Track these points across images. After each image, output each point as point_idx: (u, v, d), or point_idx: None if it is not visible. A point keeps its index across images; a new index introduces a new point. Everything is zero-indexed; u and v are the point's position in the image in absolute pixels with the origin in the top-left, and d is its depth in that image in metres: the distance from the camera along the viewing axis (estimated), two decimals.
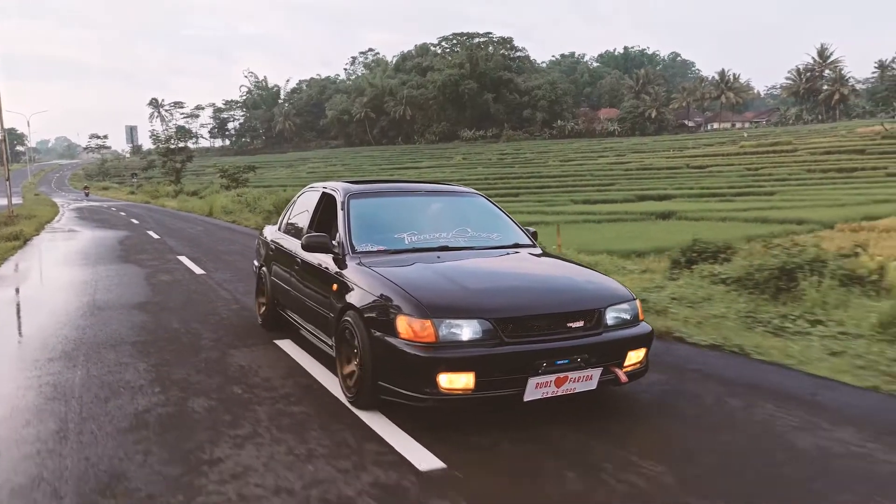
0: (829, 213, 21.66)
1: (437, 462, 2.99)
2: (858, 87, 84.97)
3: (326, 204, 4.87)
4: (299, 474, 2.89)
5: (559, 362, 3.35)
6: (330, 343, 4.12)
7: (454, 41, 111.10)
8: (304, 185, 28.61)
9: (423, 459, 3.02)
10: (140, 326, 5.97)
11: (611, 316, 3.63)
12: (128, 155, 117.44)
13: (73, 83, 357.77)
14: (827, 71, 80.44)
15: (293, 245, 5.02)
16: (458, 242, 4.41)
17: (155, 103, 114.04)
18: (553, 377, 3.32)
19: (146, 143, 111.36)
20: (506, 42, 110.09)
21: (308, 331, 4.70)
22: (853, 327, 5.01)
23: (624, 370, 3.58)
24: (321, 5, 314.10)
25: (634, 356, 3.68)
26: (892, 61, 78.74)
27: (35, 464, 3.04)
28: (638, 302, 3.86)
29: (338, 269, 4.10)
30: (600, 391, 3.59)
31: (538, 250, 4.70)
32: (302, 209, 5.35)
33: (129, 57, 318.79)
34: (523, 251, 4.53)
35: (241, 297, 7.40)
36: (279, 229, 5.74)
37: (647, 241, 15.29)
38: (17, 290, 8.87)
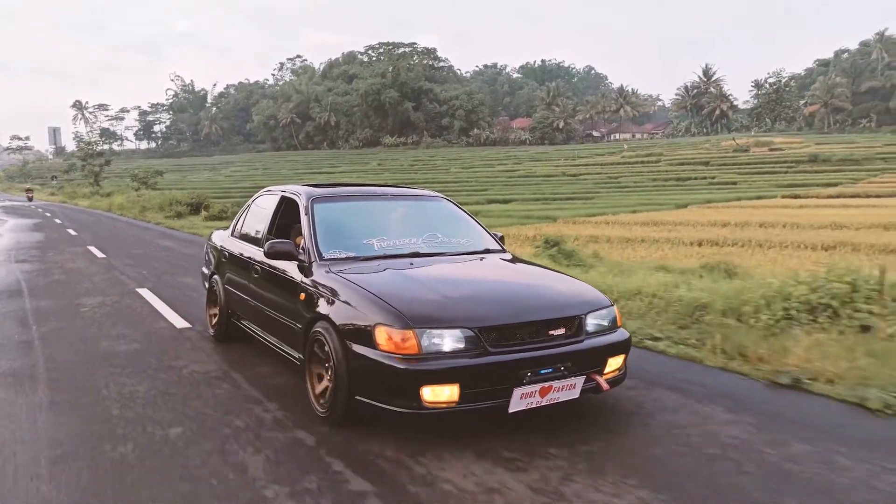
0: (579, 212, 31.35)
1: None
2: (748, 103, 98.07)
3: (286, 208, 4.95)
4: (70, 255, 12.00)
5: (543, 371, 3.44)
6: (297, 355, 4.15)
7: (381, 50, 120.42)
8: (222, 188, 43.39)
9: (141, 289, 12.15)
10: (37, 245, 14.90)
11: (591, 322, 3.77)
12: (51, 156, 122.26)
13: None
14: (711, 88, 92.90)
15: (251, 252, 5.09)
16: (430, 248, 4.51)
17: (79, 105, 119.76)
18: (538, 387, 3.40)
19: (70, 145, 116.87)
20: (429, 52, 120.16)
21: (271, 342, 4.70)
22: None
23: (604, 377, 3.70)
24: (260, 5, 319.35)
25: (614, 363, 3.80)
26: (765, 81, 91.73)
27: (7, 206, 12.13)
28: (616, 308, 4.04)
29: (304, 278, 4.11)
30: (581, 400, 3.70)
31: (509, 255, 4.88)
32: (258, 214, 5.38)
33: (54, 54, 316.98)
34: (495, 256, 4.69)
35: (84, 236, 16.38)
36: (232, 234, 5.76)
37: None
38: None
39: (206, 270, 6.26)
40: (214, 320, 5.78)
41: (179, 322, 6.56)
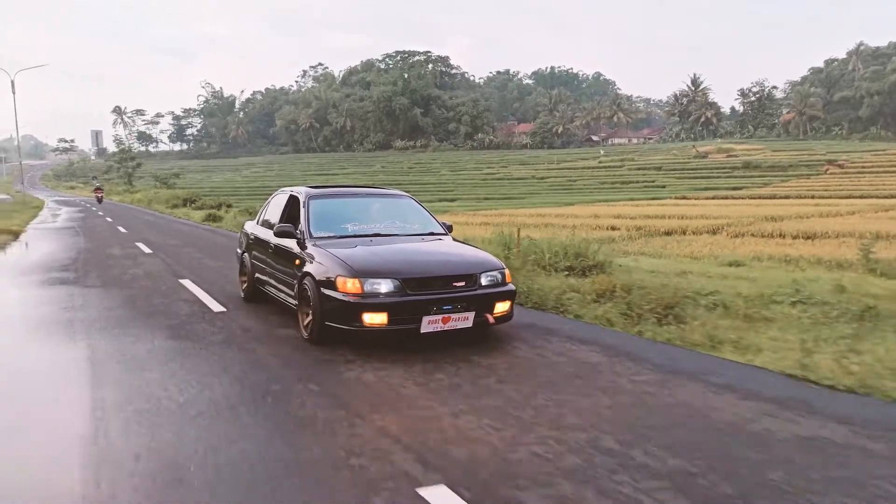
0: (484, 207, 44.04)
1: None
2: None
3: (292, 203, 7.45)
4: (96, 220, 26.49)
5: (445, 308, 5.77)
6: (294, 302, 6.62)
7: (397, 58, 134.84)
8: (235, 187, 66.84)
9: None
10: (81, 217, 29.54)
11: (484, 279, 6.15)
12: (93, 157, 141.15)
13: (36, 80, 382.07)
14: (697, 96, 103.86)
15: (267, 234, 7.58)
16: (388, 231, 7.03)
17: (118, 110, 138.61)
18: (440, 317, 5.74)
19: (111, 146, 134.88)
20: (443, 60, 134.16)
21: (279, 297, 7.21)
22: None
23: (494, 315, 6.07)
24: (288, 5, 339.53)
25: (501, 306, 6.19)
26: (749, 90, 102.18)
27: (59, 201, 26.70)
28: (506, 270, 6.44)
29: (300, 250, 6.61)
30: (475, 328, 5.97)
31: (449, 237, 7.31)
32: (274, 207, 7.97)
33: (93, 57, 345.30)
34: (435, 237, 7.16)
35: (106, 216, 30.71)
36: (257, 223, 8.41)
37: None
38: (53, 214, 32.24)
39: (238, 251, 8.93)
40: (244, 285, 8.49)
41: (124, 230, 20.84)
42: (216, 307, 7.88)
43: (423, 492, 3.12)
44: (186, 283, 9.77)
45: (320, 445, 3.73)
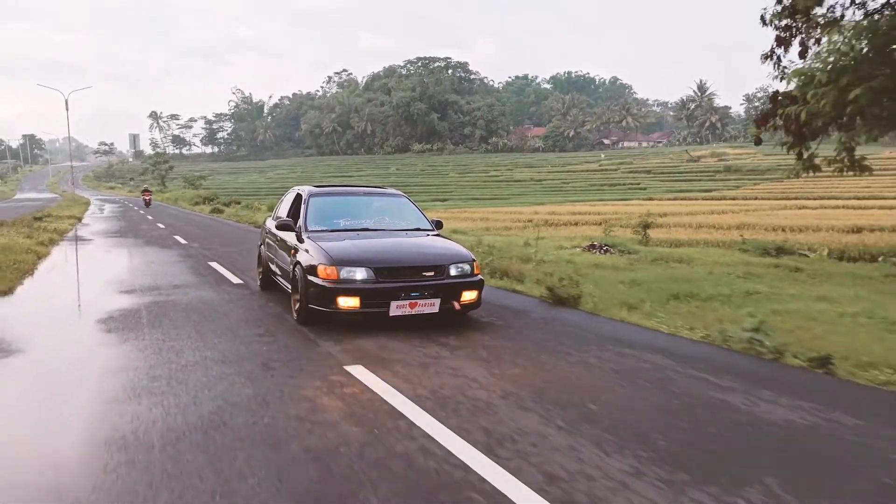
0: (471, 205, 52.87)
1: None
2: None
3: (298, 200, 8.56)
4: (133, 212, 36.48)
5: (413, 294, 6.71)
6: (290, 288, 7.69)
7: (418, 64, 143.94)
8: (256, 187, 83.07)
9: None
10: (121, 210, 39.78)
11: (453, 270, 7.04)
12: (131, 159, 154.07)
13: (76, 84, 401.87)
14: (702, 102, 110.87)
15: (274, 228, 8.76)
16: (377, 226, 7.98)
17: (154, 115, 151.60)
18: (408, 302, 6.69)
19: (148, 149, 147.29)
20: (462, 66, 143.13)
21: (281, 283, 8.48)
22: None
23: (461, 303, 6.97)
24: (321, 12, 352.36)
25: (468, 294, 7.08)
26: (754, 96, 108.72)
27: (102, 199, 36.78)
28: (476, 263, 7.37)
29: (296, 242, 7.61)
30: (442, 314, 6.96)
31: (434, 233, 8.21)
32: (285, 204, 9.12)
33: (128, 61, 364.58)
34: (420, 233, 8.03)
35: (141, 210, 40.67)
36: (273, 219, 9.47)
37: None
38: (99, 209, 42.44)
39: (259, 242, 10.55)
40: (260, 276, 9.99)
41: (150, 217, 30.81)
42: (185, 243, 17.38)
43: (212, 263, 12.33)
44: (177, 236, 19.27)
45: (194, 260, 13.01)
